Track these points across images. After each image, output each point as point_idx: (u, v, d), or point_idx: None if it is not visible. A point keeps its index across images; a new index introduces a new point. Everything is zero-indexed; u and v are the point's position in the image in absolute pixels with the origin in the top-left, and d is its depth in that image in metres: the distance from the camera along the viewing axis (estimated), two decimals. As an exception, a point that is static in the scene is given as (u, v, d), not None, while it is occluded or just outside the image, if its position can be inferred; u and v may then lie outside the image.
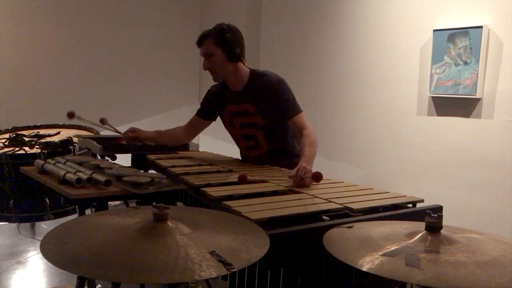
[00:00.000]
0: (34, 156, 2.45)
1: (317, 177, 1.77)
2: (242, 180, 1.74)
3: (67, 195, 1.57)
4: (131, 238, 1.05)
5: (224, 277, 1.23)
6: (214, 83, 2.32)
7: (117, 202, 3.04)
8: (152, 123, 4.91)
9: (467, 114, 2.72)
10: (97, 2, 4.60)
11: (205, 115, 2.36)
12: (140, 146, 2.46)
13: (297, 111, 2.11)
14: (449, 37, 2.73)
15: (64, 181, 1.65)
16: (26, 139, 2.75)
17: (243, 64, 2.15)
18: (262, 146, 2.23)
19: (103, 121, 2.40)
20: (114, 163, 2.06)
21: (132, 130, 2.34)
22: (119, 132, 2.40)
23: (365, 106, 3.35)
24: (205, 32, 2.10)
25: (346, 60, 3.49)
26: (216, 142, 2.44)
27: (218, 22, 2.11)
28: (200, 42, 2.10)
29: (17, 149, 2.60)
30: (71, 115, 2.29)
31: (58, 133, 3.08)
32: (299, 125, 2.08)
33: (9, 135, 2.79)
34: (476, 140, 2.68)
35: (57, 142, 2.58)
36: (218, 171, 1.98)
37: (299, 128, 2.08)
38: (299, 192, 1.65)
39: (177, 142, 2.51)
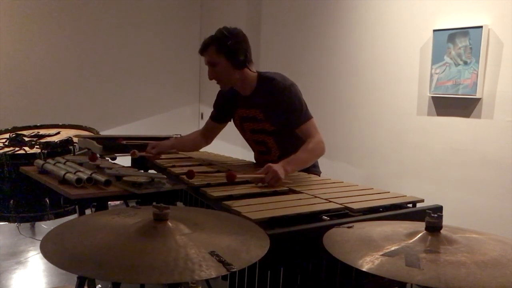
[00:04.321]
0: (34, 156, 2.44)
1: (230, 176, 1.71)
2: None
3: (67, 195, 1.57)
4: (131, 238, 1.05)
5: (224, 277, 1.23)
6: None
7: (117, 202, 3.03)
8: (152, 123, 4.94)
9: (467, 114, 2.72)
10: (97, 3, 4.60)
11: (219, 119, 2.30)
12: (141, 146, 2.46)
13: (305, 119, 1.99)
14: (449, 37, 2.73)
15: (64, 181, 1.65)
16: (26, 139, 2.74)
17: (249, 70, 2.03)
18: (273, 152, 2.14)
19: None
20: (114, 163, 2.06)
21: (153, 146, 2.24)
22: (149, 155, 2.25)
23: (365, 106, 3.35)
24: (206, 40, 1.99)
25: (346, 60, 3.49)
26: (216, 142, 2.43)
27: (219, 25, 2.00)
28: (202, 50, 2.00)
29: (17, 149, 2.59)
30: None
31: (58, 133, 3.07)
32: (306, 133, 1.98)
33: (9, 135, 2.78)
34: (476, 140, 2.68)
35: (57, 142, 2.58)
36: (218, 171, 1.98)
37: (306, 137, 1.97)
38: (299, 192, 1.65)
39: (197, 148, 2.43)
